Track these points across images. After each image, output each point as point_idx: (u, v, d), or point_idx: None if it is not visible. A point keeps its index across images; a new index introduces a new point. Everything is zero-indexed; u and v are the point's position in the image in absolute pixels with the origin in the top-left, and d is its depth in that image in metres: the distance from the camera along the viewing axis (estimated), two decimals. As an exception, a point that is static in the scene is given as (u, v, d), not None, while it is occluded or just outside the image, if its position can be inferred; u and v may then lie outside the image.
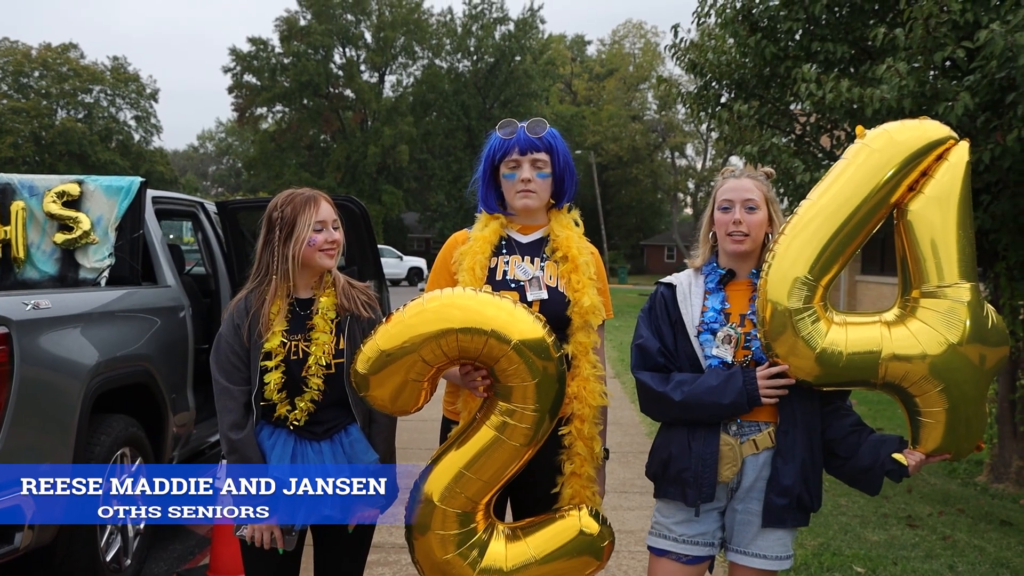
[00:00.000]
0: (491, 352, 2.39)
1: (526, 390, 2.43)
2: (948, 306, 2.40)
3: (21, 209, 4.75)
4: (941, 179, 2.43)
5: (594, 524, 2.62)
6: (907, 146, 2.43)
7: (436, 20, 53.61)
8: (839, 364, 2.41)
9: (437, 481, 2.53)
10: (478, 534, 2.55)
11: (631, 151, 54.69)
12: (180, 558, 4.94)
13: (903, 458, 2.51)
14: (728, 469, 2.58)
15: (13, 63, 50.05)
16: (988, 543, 5.23)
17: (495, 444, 2.48)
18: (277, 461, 2.61)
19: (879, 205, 2.44)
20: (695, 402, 2.55)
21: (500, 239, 2.83)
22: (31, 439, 3.60)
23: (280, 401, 2.65)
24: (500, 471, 2.52)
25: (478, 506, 2.54)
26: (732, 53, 6.83)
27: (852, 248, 2.47)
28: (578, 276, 2.75)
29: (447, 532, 2.52)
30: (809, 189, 5.80)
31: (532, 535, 2.61)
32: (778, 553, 2.63)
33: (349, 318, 2.72)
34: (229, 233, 5.89)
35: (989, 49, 4.59)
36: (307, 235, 2.65)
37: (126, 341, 4.43)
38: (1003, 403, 6.57)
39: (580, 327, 2.73)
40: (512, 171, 2.77)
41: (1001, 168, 5.01)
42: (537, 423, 2.47)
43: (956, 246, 2.41)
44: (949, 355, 2.38)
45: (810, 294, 2.41)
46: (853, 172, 2.45)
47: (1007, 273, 5.97)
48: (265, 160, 51.24)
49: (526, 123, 2.78)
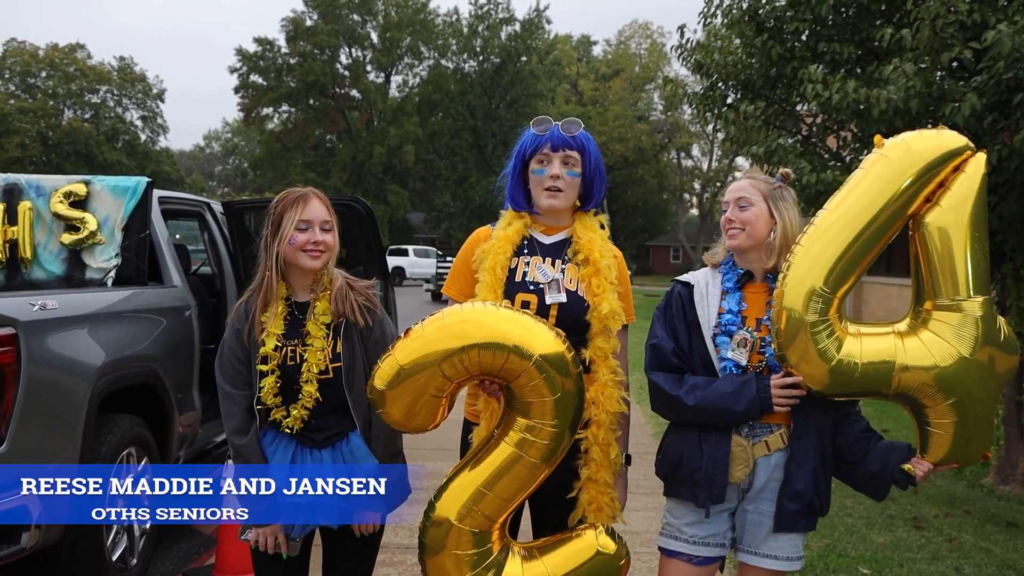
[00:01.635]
0: (512, 368, 2.36)
1: (545, 406, 2.39)
2: (960, 319, 2.39)
3: (28, 209, 4.76)
4: (957, 191, 2.41)
5: (611, 543, 2.58)
6: (924, 156, 2.41)
7: (442, 20, 53.64)
8: (853, 375, 2.40)
9: (453, 500, 2.48)
10: (494, 555, 2.50)
11: (637, 152, 54.60)
12: (186, 557, 4.95)
13: (912, 468, 2.52)
14: (740, 470, 2.58)
15: (20, 63, 50.18)
16: (994, 545, 5.21)
17: (514, 461, 2.44)
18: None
19: (896, 216, 2.42)
20: (708, 407, 2.55)
21: (523, 239, 2.80)
22: (38, 439, 3.61)
23: (275, 406, 2.63)
24: (519, 489, 2.48)
25: (494, 525, 2.50)
26: (738, 54, 6.82)
27: (869, 259, 2.46)
28: (599, 280, 2.71)
29: (462, 552, 2.47)
30: (815, 190, 5.75)
31: (548, 555, 2.57)
32: (789, 554, 2.63)
33: (346, 321, 2.67)
34: (235, 233, 5.90)
35: (996, 50, 4.59)
36: (290, 233, 2.60)
37: (132, 341, 4.44)
38: (1010, 404, 6.56)
39: (599, 332, 2.69)
40: (542, 166, 2.74)
41: (1008, 169, 5.00)
42: (557, 438, 2.43)
43: (971, 260, 2.40)
44: (961, 369, 2.38)
45: (826, 306, 2.40)
46: (871, 182, 2.43)
47: (1014, 274, 5.96)
48: (271, 160, 51.32)
49: (560, 122, 2.76)
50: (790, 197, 2.67)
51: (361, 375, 2.64)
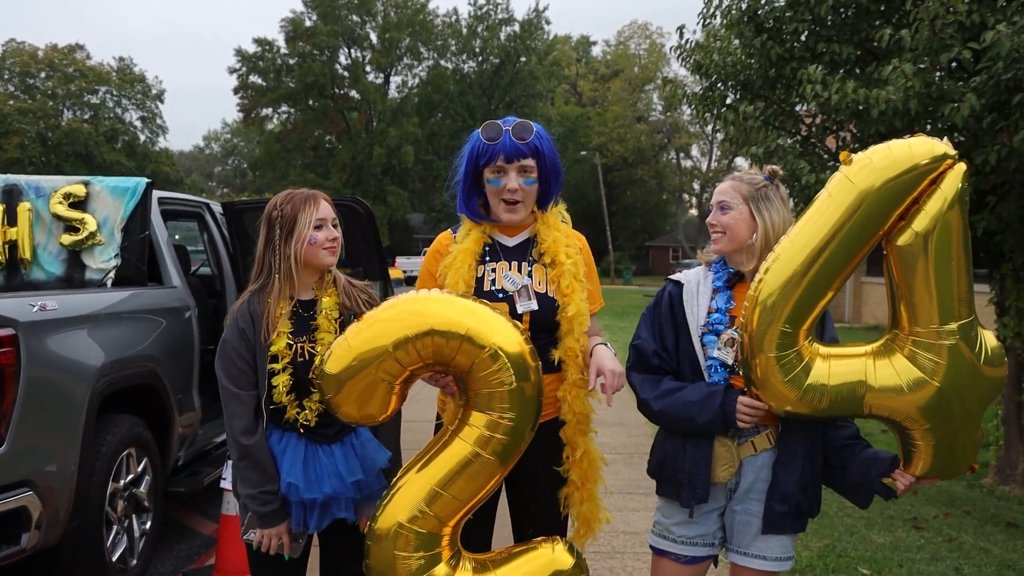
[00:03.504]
0: (464, 357, 2.31)
1: (501, 397, 2.34)
2: (935, 349, 2.28)
3: (28, 210, 4.76)
4: (930, 210, 2.24)
5: (568, 558, 2.50)
6: (887, 173, 2.24)
7: (441, 21, 53.57)
8: (823, 401, 2.35)
9: (403, 500, 2.38)
10: (441, 562, 2.39)
11: (636, 152, 54.63)
12: (186, 558, 4.95)
13: (892, 482, 2.52)
14: (725, 470, 2.58)
15: (20, 64, 50.17)
16: (994, 545, 5.21)
17: (471, 459, 2.36)
18: (289, 466, 2.60)
19: (861, 243, 2.29)
20: (672, 414, 2.57)
21: (484, 246, 2.76)
22: (38, 439, 3.61)
23: (290, 403, 2.64)
24: (475, 490, 2.39)
25: (445, 528, 2.40)
26: (738, 54, 6.82)
27: (835, 285, 2.35)
28: (567, 280, 2.70)
29: (408, 555, 2.36)
30: (815, 191, 5.79)
31: (502, 568, 2.47)
32: (778, 554, 2.63)
33: (352, 317, 2.69)
34: (235, 234, 5.91)
35: (995, 50, 4.59)
36: (308, 233, 2.64)
37: (132, 342, 4.45)
38: (1009, 404, 6.56)
39: (568, 332, 2.68)
40: (497, 176, 2.68)
41: (1007, 169, 5.01)
42: (514, 434, 2.36)
43: (945, 285, 2.26)
44: (935, 399, 2.29)
45: (791, 341, 2.33)
46: (833, 212, 2.28)
47: (1013, 275, 5.96)
48: (270, 161, 51.27)
49: (511, 126, 2.67)
50: (777, 197, 2.62)
51: None
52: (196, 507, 5.88)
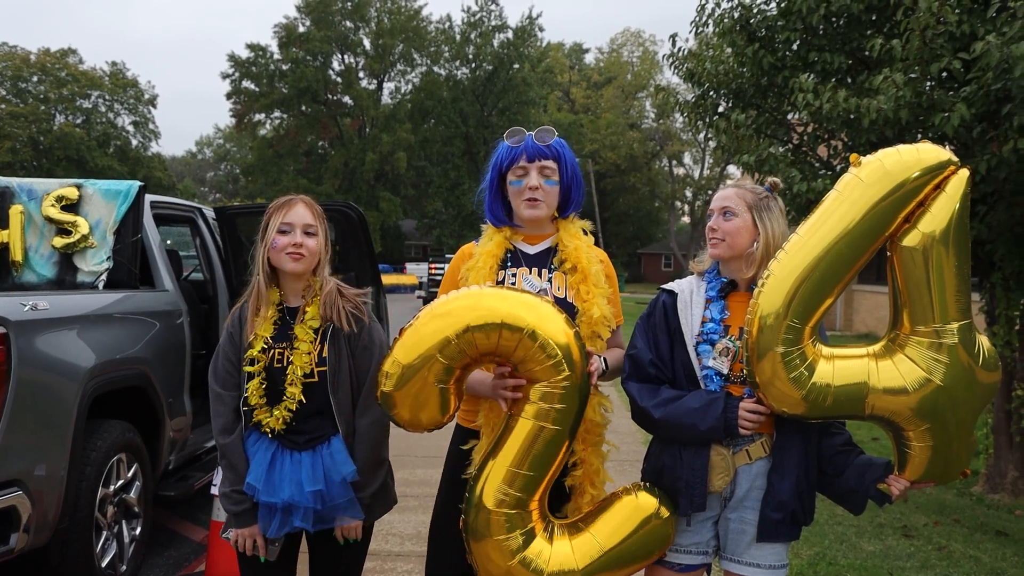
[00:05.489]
0: (507, 343, 2.38)
1: (549, 370, 2.40)
2: (937, 347, 2.34)
3: (20, 213, 4.75)
4: (936, 213, 2.32)
5: (652, 500, 2.58)
6: (897, 175, 2.31)
7: (435, 27, 53.69)
8: (826, 400, 2.37)
9: (487, 489, 2.48)
10: (538, 536, 2.50)
11: (629, 159, 54.82)
12: (175, 564, 4.93)
13: (887, 487, 2.53)
14: (720, 479, 2.58)
15: (12, 68, 49.99)
16: (983, 553, 5.23)
17: (537, 433, 2.44)
18: (254, 468, 2.63)
19: (869, 240, 2.35)
20: (673, 422, 2.56)
21: (506, 252, 2.82)
22: (28, 440, 3.60)
23: (260, 407, 2.65)
24: (547, 461, 2.47)
25: (531, 504, 2.49)
26: (730, 62, 6.86)
27: (842, 284, 2.40)
28: (587, 287, 2.74)
29: (504, 538, 2.46)
30: (807, 199, 5.74)
31: (593, 525, 2.57)
32: (772, 562, 2.63)
33: (333, 326, 2.69)
34: (227, 239, 5.90)
35: (985, 60, 4.62)
36: (272, 236, 2.65)
37: (123, 344, 4.44)
38: (999, 413, 6.58)
39: (588, 338, 2.69)
40: (519, 178, 2.76)
41: (997, 179, 5.04)
42: (570, 399, 2.43)
43: (948, 286, 2.33)
44: (935, 397, 2.33)
45: (796, 336, 2.36)
46: (845, 211, 2.35)
47: (1003, 283, 5.99)
48: (263, 166, 51.27)
49: (534, 131, 2.77)
50: (777, 208, 2.65)
51: (346, 380, 2.68)
52: (186, 513, 5.86)
